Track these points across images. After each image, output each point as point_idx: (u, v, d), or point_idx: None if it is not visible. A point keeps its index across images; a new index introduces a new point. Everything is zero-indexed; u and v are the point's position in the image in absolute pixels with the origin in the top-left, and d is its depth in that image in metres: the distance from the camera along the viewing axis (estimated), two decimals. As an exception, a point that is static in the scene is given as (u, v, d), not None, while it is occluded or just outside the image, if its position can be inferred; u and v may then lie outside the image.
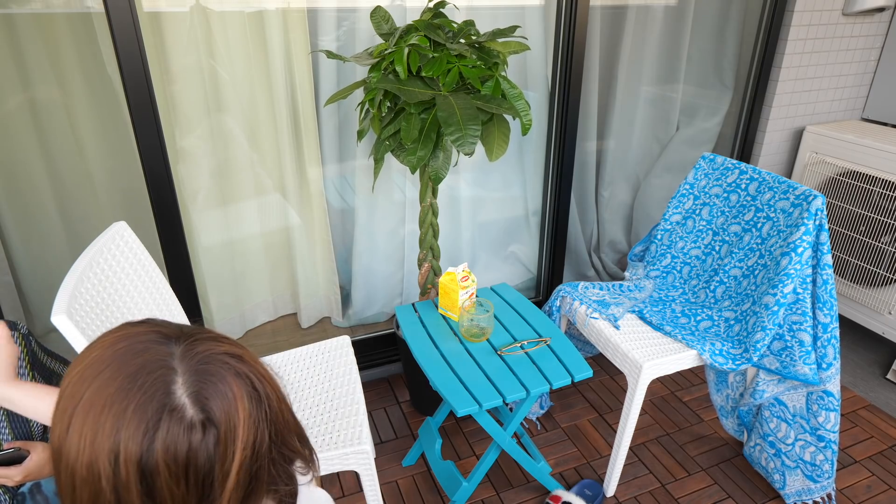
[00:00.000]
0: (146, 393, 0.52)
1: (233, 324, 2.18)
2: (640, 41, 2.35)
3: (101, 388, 0.53)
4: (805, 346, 1.60)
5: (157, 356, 0.55)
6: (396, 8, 1.90)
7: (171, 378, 0.54)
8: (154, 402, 0.52)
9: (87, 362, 0.55)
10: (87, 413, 0.52)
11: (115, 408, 0.52)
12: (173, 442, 0.52)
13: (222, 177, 1.94)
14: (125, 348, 0.55)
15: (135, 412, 0.52)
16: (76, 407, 0.53)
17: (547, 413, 2.13)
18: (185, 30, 1.69)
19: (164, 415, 0.52)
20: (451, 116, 1.46)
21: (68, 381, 0.55)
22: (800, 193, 1.62)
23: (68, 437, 0.53)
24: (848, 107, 2.71)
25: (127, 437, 0.51)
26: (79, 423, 0.52)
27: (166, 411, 0.52)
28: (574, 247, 2.62)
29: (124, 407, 0.52)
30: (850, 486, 1.84)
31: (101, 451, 0.51)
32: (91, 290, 1.16)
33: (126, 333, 0.57)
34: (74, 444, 0.52)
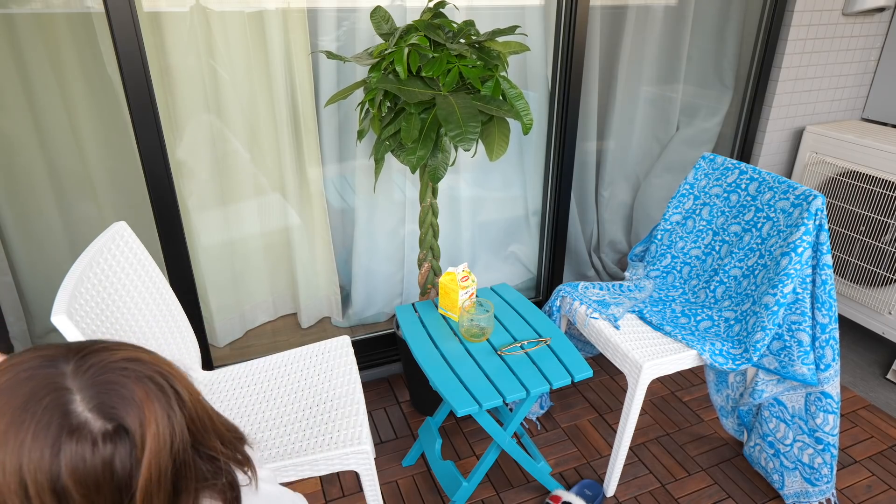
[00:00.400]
0: (40, 421, 0.50)
1: (233, 324, 2.18)
2: (640, 41, 2.35)
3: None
4: (804, 346, 1.60)
5: (45, 380, 0.53)
6: (396, 8, 1.90)
7: (67, 398, 0.52)
8: (52, 427, 0.50)
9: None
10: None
11: (10, 444, 0.50)
12: (81, 462, 0.50)
13: (222, 177, 1.94)
14: (9, 381, 0.53)
15: (33, 442, 0.50)
16: None
17: (547, 413, 2.13)
18: (185, 30, 1.69)
19: (63, 437, 0.50)
20: (450, 116, 1.46)
21: None
22: (800, 193, 1.62)
23: None
24: (848, 107, 2.71)
25: (32, 469, 0.49)
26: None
27: (65, 433, 0.50)
28: (574, 247, 2.63)
29: (21, 440, 0.50)
30: (850, 486, 1.84)
31: (8, 490, 0.49)
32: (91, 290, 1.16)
33: (8, 366, 0.54)
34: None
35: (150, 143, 1.60)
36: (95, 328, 1.12)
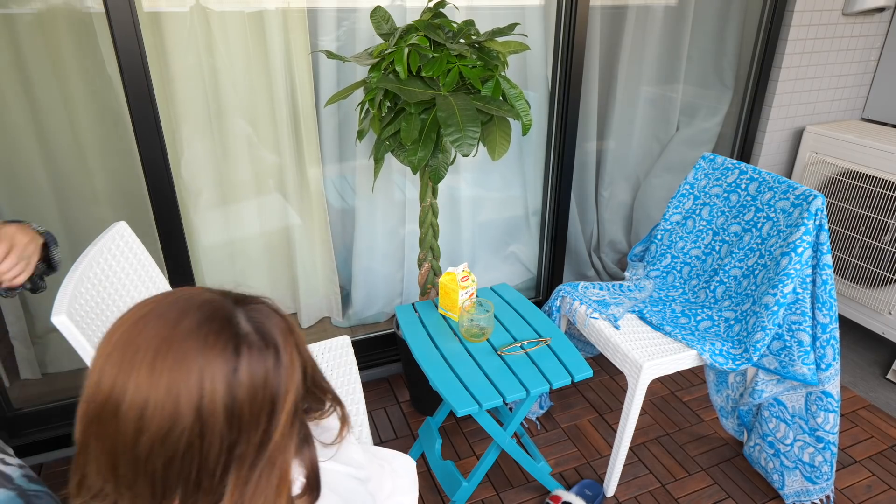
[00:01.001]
0: (219, 334, 0.56)
1: (233, 324, 2.18)
2: (640, 41, 2.35)
3: (167, 332, 0.55)
4: (804, 346, 1.60)
5: (214, 305, 0.59)
6: (396, 8, 1.90)
7: (233, 312, 0.59)
8: (227, 338, 0.56)
9: (141, 315, 0.57)
10: (158, 360, 0.54)
11: (192, 357, 0.54)
12: (250, 367, 0.56)
13: (222, 177, 1.94)
14: (183, 303, 0.59)
15: (214, 349, 0.55)
16: (138, 356, 0.54)
17: (547, 413, 2.13)
18: (185, 30, 1.69)
19: (239, 345, 0.57)
20: (450, 117, 1.46)
21: (118, 335, 0.56)
22: (800, 193, 1.62)
23: (133, 386, 0.53)
24: (848, 107, 2.71)
25: (213, 370, 0.55)
26: (147, 371, 0.54)
27: (239, 342, 0.57)
28: (574, 247, 2.62)
29: (201, 344, 0.55)
30: (850, 486, 1.84)
31: (185, 393, 0.54)
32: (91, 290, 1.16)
33: (170, 292, 0.61)
34: (146, 393, 0.53)
35: (150, 143, 1.60)
36: (96, 328, 1.12)
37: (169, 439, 0.54)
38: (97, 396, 0.55)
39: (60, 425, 1.86)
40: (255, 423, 0.57)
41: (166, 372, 0.54)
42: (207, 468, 0.56)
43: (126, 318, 0.58)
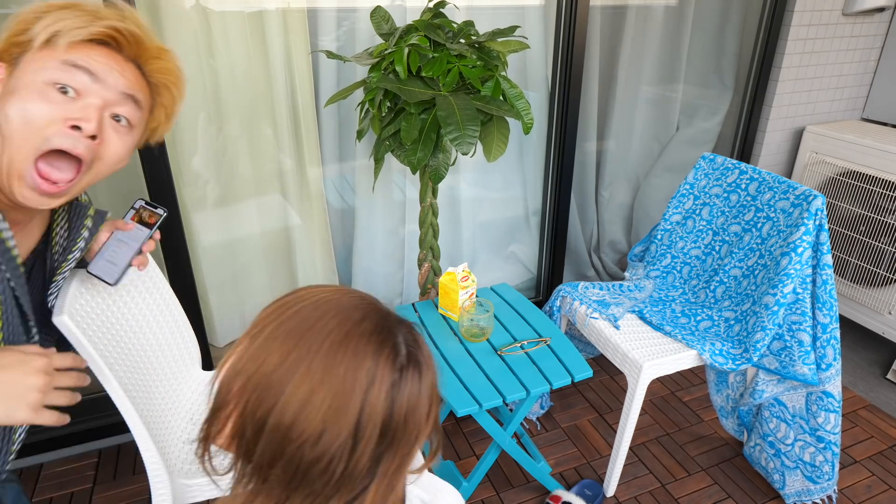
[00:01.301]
0: (385, 340, 0.56)
1: (233, 324, 2.18)
2: (640, 41, 2.35)
3: (349, 328, 0.56)
4: (804, 347, 1.60)
5: (382, 307, 0.61)
6: (396, 8, 1.90)
7: (397, 329, 0.59)
8: (392, 348, 0.56)
9: (319, 302, 0.58)
10: (338, 351, 0.54)
11: (368, 351, 0.55)
12: (412, 387, 0.57)
13: (222, 177, 1.94)
14: (357, 296, 0.60)
15: (388, 356, 0.56)
16: (315, 344, 0.54)
17: (547, 413, 2.13)
18: (185, 30, 1.69)
19: (403, 362, 0.57)
20: (450, 116, 1.46)
21: (292, 315, 0.56)
22: (800, 193, 1.62)
23: (305, 370, 0.53)
24: (848, 107, 2.71)
25: (381, 377, 0.55)
26: (322, 360, 0.53)
27: (403, 359, 0.57)
28: (574, 247, 2.62)
29: (377, 349, 0.55)
30: (851, 486, 1.84)
31: (354, 392, 0.53)
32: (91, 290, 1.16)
33: (341, 287, 0.62)
34: (318, 380, 0.53)
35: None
36: (96, 328, 1.13)
37: (328, 434, 0.53)
38: (260, 369, 0.54)
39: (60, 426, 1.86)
40: (403, 442, 0.57)
41: (342, 366, 0.53)
42: (353, 476, 0.55)
43: (300, 298, 0.58)
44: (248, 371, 0.54)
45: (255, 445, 0.54)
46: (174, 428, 1.34)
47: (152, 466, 1.18)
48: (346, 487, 0.55)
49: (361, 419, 0.53)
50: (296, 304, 0.57)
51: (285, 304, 0.58)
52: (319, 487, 0.54)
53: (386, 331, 0.57)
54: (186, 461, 1.29)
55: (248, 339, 0.57)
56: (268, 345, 0.54)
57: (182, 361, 1.46)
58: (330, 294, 0.59)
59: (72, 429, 1.87)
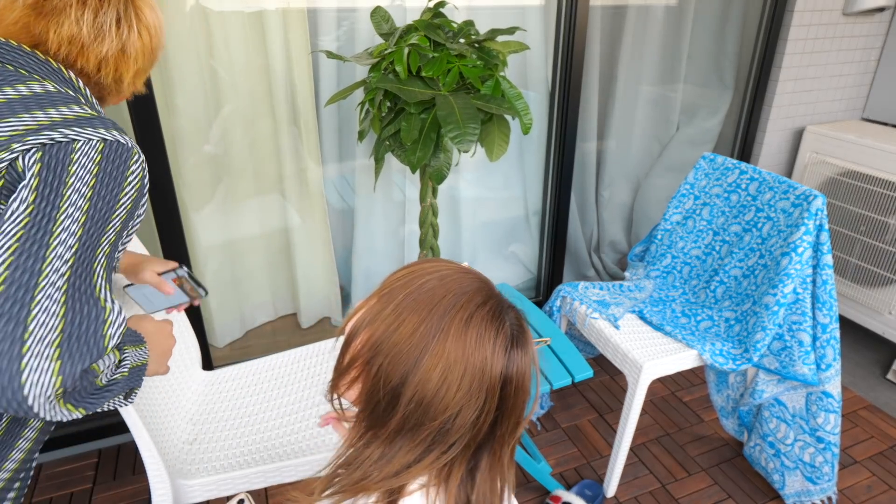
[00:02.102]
0: (499, 325, 0.62)
1: (233, 324, 2.18)
2: (640, 41, 2.35)
3: (468, 299, 0.62)
4: (804, 347, 1.60)
5: (496, 293, 0.65)
6: (396, 8, 1.90)
7: (507, 313, 0.64)
8: (503, 324, 0.63)
9: (442, 275, 0.63)
10: (469, 325, 0.60)
11: (488, 323, 0.61)
12: (520, 363, 0.64)
13: (222, 177, 1.94)
14: (471, 272, 0.65)
15: (501, 329, 0.62)
16: (447, 317, 0.60)
17: (547, 413, 2.13)
18: (185, 30, 1.69)
19: (512, 338, 0.63)
20: (450, 115, 1.46)
21: (417, 288, 0.61)
22: (800, 193, 1.62)
23: (443, 337, 0.59)
24: (848, 107, 2.71)
25: (498, 347, 0.61)
26: (457, 330, 0.60)
27: (511, 337, 0.63)
28: (574, 247, 2.62)
29: (493, 320, 0.62)
30: (851, 487, 1.84)
31: (482, 358, 0.60)
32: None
33: (459, 267, 0.67)
34: (455, 347, 0.59)
35: (150, 143, 1.60)
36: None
37: (464, 410, 0.60)
38: (392, 336, 0.60)
39: (60, 425, 1.86)
40: (514, 409, 0.64)
41: (471, 347, 0.59)
42: (475, 439, 0.62)
43: (425, 271, 0.63)
44: (379, 333, 0.60)
45: (391, 414, 0.60)
46: (174, 428, 1.34)
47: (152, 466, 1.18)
48: (466, 448, 0.62)
49: (488, 394, 0.61)
50: (422, 276, 0.62)
51: (413, 273, 0.63)
52: (444, 448, 0.62)
53: (501, 314, 0.63)
54: (186, 461, 1.29)
55: (377, 298, 0.62)
56: (398, 312, 0.60)
57: (182, 361, 1.46)
58: (453, 273, 0.64)
59: (72, 429, 1.87)
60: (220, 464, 1.28)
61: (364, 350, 0.61)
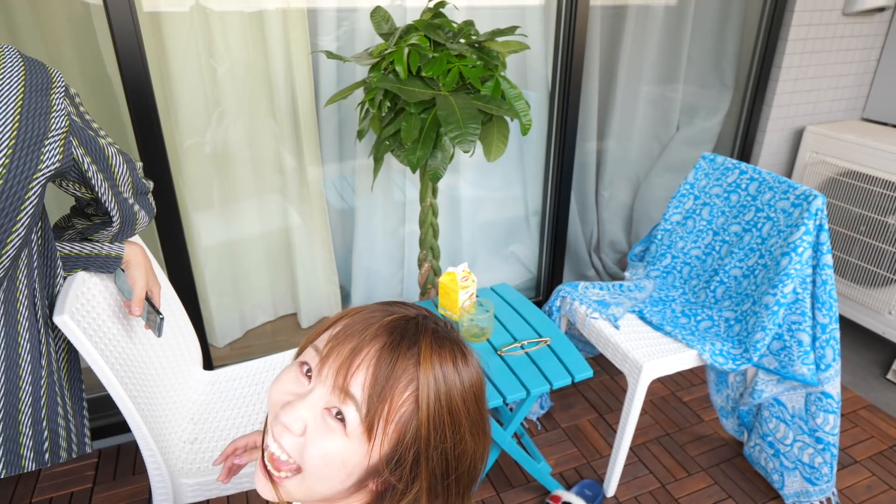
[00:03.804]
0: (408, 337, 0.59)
1: (233, 324, 2.18)
2: (640, 41, 2.35)
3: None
4: (804, 347, 1.60)
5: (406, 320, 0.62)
6: (396, 8, 1.90)
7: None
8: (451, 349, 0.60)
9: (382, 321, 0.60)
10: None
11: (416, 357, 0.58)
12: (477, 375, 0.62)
13: (222, 177, 1.94)
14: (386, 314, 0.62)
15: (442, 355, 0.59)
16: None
17: (547, 413, 2.13)
18: (185, 30, 1.69)
19: (461, 357, 0.61)
20: (450, 115, 1.46)
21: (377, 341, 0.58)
22: (800, 193, 1.62)
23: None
24: (848, 107, 2.71)
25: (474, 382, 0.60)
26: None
27: (462, 356, 0.61)
28: (574, 247, 2.62)
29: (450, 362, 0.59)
30: (851, 487, 1.84)
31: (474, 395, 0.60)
32: (93, 289, 1.16)
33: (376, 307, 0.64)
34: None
35: (150, 143, 1.60)
36: (97, 328, 1.13)
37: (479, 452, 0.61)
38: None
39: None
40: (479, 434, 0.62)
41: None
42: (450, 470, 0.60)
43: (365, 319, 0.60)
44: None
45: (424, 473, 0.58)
46: (174, 428, 1.34)
47: (152, 466, 1.18)
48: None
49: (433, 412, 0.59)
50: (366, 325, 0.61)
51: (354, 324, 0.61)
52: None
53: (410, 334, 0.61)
54: (186, 461, 1.29)
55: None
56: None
57: (182, 361, 1.46)
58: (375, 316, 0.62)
59: (72, 429, 1.86)
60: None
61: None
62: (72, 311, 1.05)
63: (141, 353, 1.27)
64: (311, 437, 0.56)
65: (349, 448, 0.56)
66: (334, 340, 0.58)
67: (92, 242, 1.13)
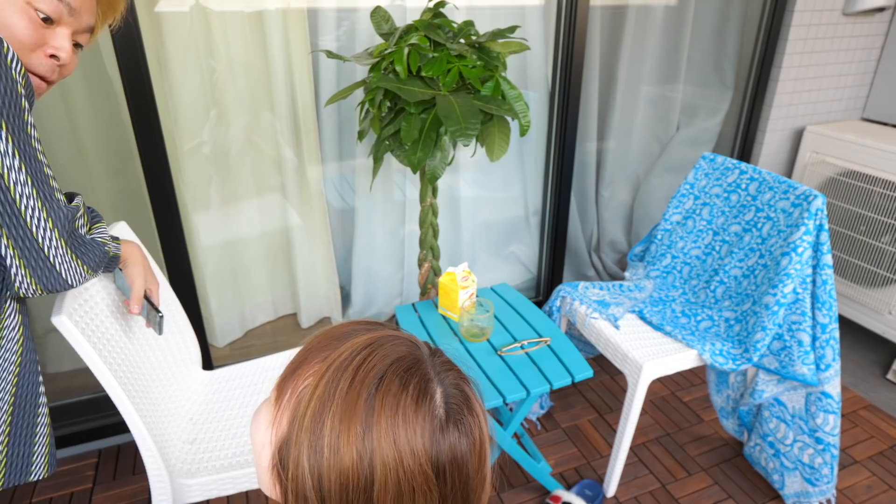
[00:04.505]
0: (419, 404, 0.53)
1: (233, 324, 2.18)
2: (640, 41, 2.35)
3: (380, 391, 0.53)
4: (804, 347, 1.60)
5: (418, 366, 0.56)
6: (396, 8, 1.90)
7: (433, 390, 0.55)
8: (428, 415, 0.53)
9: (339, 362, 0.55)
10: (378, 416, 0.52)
11: (399, 422, 0.52)
12: (456, 445, 0.54)
13: (222, 177, 1.94)
14: (385, 354, 0.56)
15: (414, 423, 0.52)
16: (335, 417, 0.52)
17: (547, 413, 2.13)
18: (185, 30, 1.69)
19: (442, 420, 0.53)
20: (451, 113, 1.46)
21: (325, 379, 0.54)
22: (800, 193, 1.62)
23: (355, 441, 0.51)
24: (848, 107, 2.71)
25: (420, 437, 0.52)
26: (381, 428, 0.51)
27: (443, 417, 0.53)
28: (574, 247, 2.62)
29: (412, 412, 0.52)
30: (851, 487, 1.84)
31: (414, 463, 0.51)
32: (91, 289, 1.16)
33: (374, 337, 0.59)
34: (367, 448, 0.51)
35: (150, 143, 1.60)
36: (95, 328, 1.12)
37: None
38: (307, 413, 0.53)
39: (60, 426, 1.86)
40: (464, 496, 0.57)
41: (383, 427, 0.52)
42: None
43: (338, 357, 0.56)
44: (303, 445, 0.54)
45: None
46: (174, 428, 1.34)
47: (152, 466, 1.18)
48: None
49: (417, 491, 0.53)
50: (338, 362, 0.57)
51: (329, 365, 0.57)
52: None
53: (427, 390, 0.56)
54: (186, 461, 1.29)
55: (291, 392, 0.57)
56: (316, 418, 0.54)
57: (182, 361, 1.46)
58: (369, 348, 0.58)
59: (72, 429, 1.87)
60: (220, 463, 1.28)
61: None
62: (69, 312, 1.05)
63: (140, 354, 1.27)
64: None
65: (267, 416, 0.56)
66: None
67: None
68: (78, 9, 0.85)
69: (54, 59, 0.85)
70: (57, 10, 0.83)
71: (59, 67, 0.88)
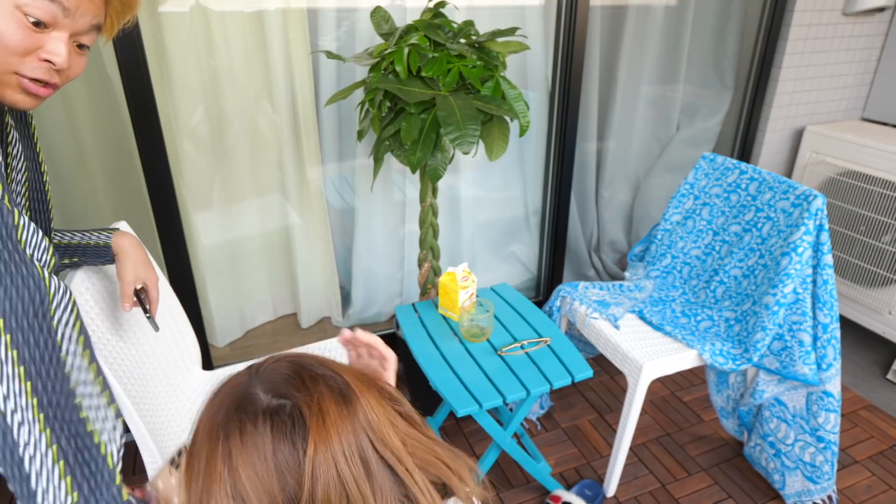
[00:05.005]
0: (251, 424, 0.55)
1: (233, 324, 2.18)
2: (640, 41, 2.35)
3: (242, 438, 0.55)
4: (805, 347, 1.60)
5: (242, 386, 0.60)
6: (396, 8, 1.90)
7: (256, 398, 0.59)
8: (260, 426, 0.55)
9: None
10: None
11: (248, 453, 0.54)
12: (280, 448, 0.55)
13: (222, 177, 1.94)
14: (219, 402, 0.59)
15: (253, 447, 0.54)
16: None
17: (547, 413, 2.13)
18: (185, 30, 1.69)
19: (272, 423, 0.55)
20: (450, 116, 1.46)
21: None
22: (800, 193, 1.62)
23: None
24: (848, 107, 2.71)
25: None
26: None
27: (271, 420, 0.55)
28: (574, 247, 2.62)
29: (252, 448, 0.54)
30: (851, 487, 1.84)
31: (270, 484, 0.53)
32: (91, 289, 1.15)
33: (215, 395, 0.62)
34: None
35: (150, 142, 1.60)
36: (95, 328, 1.12)
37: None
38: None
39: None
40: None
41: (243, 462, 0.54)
42: None
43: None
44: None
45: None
46: (174, 428, 1.34)
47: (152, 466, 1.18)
48: None
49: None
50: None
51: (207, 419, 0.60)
52: None
53: (254, 415, 0.57)
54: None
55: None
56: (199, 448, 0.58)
57: (182, 361, 1.46)
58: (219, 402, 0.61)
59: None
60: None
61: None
62: (71, 311, 1.05)
63: (139, 354, 1.27)
64: None
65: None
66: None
67: (81, 232, 1.13)
68: (73, 9, 0.81)
69: (49, 64, 0.82)
70: (48, 13, 0.78)
71: (60, 71, 0.85)
